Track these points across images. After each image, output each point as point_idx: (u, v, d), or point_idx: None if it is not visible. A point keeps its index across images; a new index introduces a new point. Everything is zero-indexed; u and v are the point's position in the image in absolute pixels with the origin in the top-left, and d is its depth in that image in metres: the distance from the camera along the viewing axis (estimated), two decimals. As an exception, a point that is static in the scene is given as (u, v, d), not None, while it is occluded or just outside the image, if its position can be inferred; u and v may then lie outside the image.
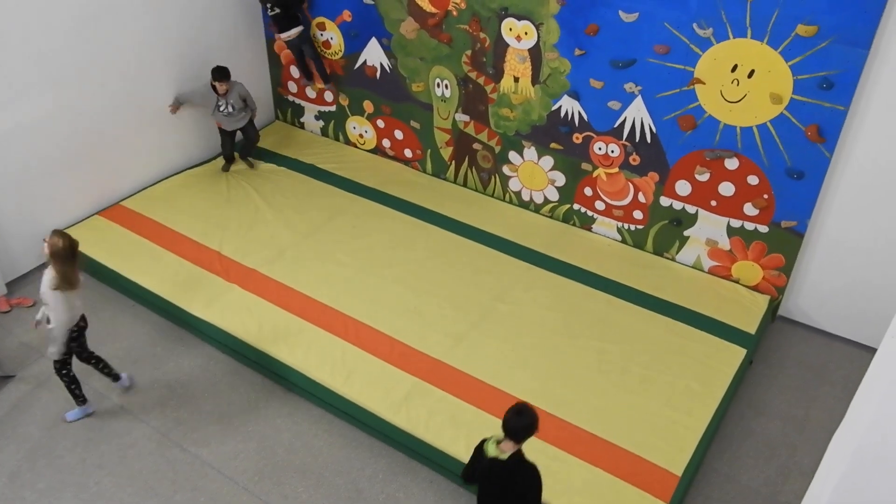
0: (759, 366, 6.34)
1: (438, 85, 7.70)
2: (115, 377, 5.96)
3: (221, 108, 7.79)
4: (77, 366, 5.68)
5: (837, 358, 6.44)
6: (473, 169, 8.01)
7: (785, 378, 6.24)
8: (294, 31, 7.99)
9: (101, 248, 7.05)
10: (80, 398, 5.74)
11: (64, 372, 5.54)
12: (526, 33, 6.78)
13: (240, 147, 8.36)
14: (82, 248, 7.00)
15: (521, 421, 3.87)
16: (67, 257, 5.09)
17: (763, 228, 6.45)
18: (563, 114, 6.98)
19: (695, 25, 5.90)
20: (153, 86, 7.75)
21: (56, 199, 7.23)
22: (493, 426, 5.35)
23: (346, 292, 6.56)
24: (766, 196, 6.28)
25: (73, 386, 5.64)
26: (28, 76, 6.64)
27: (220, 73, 7.58)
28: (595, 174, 7.11)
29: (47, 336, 5.38)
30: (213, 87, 7.70)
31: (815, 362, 6.40)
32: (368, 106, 8.38)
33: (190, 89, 7.93)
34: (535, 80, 6.98)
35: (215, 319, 6.29)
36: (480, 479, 4.06)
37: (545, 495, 4.97)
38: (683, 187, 6.66)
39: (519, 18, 6.74)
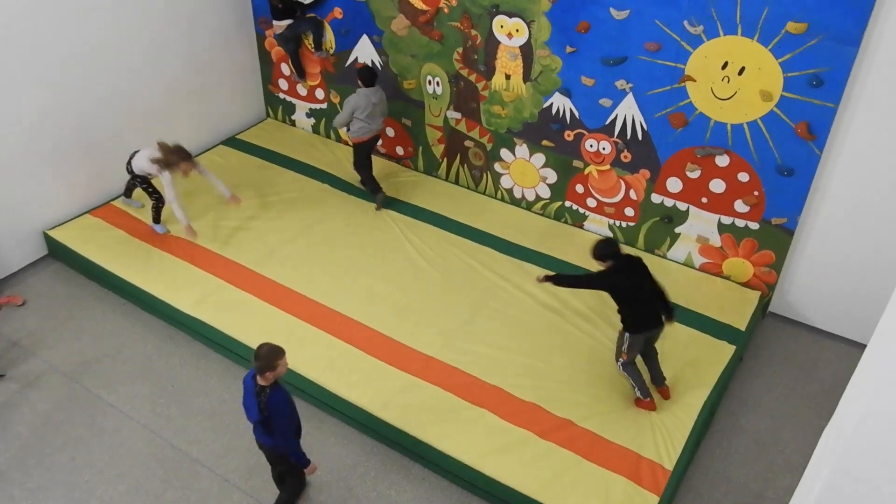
0: (750, 362, 6.37)
1: (430, 82, 7.69)
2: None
3: None
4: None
5: (827, 354, 6.47)
6: (465, 166, 8.01)
7: (775, 374, 6.27)
8: (283, 23, 8.01)
9: (91, 246, 7.02)
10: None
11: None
12: (517, 31, 6.78)
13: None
14: (73, 246, 7.03)
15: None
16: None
17: (754, 225, 6.48)
18: (554, 111, 6.98)
19: (685, 23, 5.91)
20: (142, 84, 7.71)
21: (46, 199, 7.19)
22: (486, 422, 5.37)
23: (337, 290, 6.55)
24: (756, 193, 6.30)
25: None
26: (16, 75, 6.60)
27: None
28: (586, 171, 7.12)
29: None
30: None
31: (805, 359, 6.43)
32: (360, 103, 8.36)
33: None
34: (526, 77, 6.98)
35: (206, 317, 6.27)
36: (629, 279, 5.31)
37: (542, 491, 4.99)
38: (674, 184, 6.68)
39: (510, 16, 6.74)
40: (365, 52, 7.95)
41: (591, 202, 7.28)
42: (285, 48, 8.41)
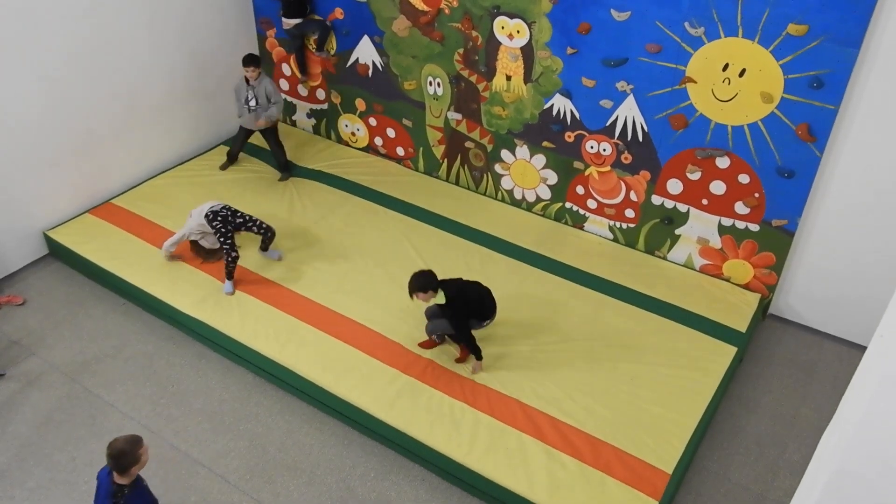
0: (750, 364, 6.37)
1: (430, 83, 7.69)
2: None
3: (249, 102, 7.75)
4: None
5: (827, 356, 6.47)
6: (466, 167, 8.01)
7: (775, 376, 6.27)
8: (292, 21, 8.01)
9: (91, 246, 7.02)
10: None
11: None
12: (518, 32, 6.79)
13: (275, 164, 8.25)
14: (73, 246, 7.03)
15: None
16: None
17: (754, 227, 6.48)
18: (555, 112, 6.98)
19: (686, 24, 5.92)
20: (144, 83, 7.72)
21: (46, 198, 7.20)
22: (486, 424, 5.37)
23: (337, 290, 6.55)
24: (756, 195, 6.31)
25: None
26: (17, 74, 6.60)
27: (249, 59, 7.55)
28: (587, 173, 7.13)
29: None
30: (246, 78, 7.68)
31: (806, 360, 6.44)
32: (360, 104, 8.37)
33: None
34: (527, 78, 6.99)
35: (206, 317, 6.27)
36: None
37: (541, 494, 5.00)
38: (675, 186, 6.68)
39: (511, 17, 6.75)
40: (366, 52, 7.95)
41: (591, 203, 7.28)
42: (290, 45, 8.41)
